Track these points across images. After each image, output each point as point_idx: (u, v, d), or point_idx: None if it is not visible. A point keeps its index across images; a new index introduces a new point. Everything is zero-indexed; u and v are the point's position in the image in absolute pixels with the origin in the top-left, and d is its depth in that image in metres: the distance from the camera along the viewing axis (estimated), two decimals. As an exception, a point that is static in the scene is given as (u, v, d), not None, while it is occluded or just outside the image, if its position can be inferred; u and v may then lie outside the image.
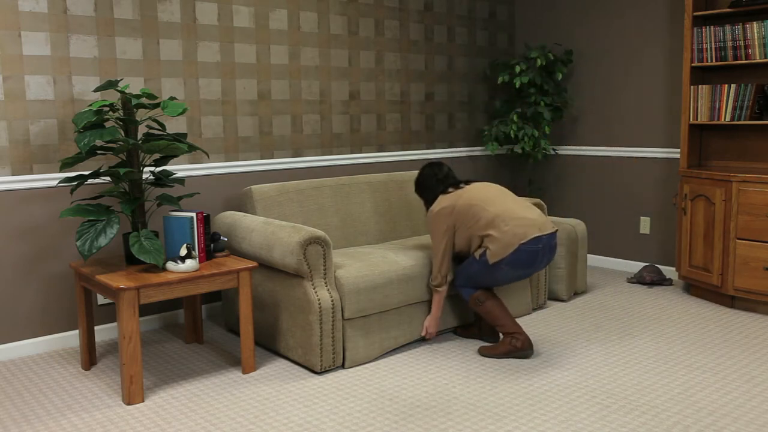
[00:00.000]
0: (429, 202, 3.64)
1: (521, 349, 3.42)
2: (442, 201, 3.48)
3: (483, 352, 3.48)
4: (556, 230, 3.48)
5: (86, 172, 3.67)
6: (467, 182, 3.58)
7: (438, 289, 3.53)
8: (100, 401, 3.02)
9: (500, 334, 3.66)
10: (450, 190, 3.53)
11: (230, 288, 3.47)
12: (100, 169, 3.30)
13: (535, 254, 3.35)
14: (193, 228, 3.26)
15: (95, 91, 3.31)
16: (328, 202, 4.07)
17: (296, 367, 3.38)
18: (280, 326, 3.44)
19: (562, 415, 2.81)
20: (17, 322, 3.57)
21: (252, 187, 3.88)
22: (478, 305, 3.49)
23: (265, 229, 3.44)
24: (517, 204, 3.45)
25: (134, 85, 3.81)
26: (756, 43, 4.15)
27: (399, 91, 5.02)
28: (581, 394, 3.01)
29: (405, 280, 3.52)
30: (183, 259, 3.09)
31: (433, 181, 3.62)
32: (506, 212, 3.37)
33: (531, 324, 3.98)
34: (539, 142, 5.26)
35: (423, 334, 3.62)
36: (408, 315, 3.59)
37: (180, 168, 4.00)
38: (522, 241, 3.30)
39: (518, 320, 4.05)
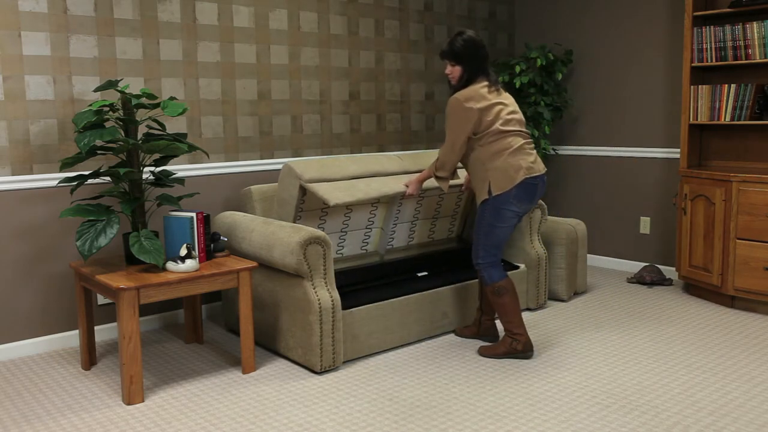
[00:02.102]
0: (465, 76, 3.33)
1: (521, 351, 3.40)
2: (473, 94, 3.26)
3: (482, 352, 3.46)
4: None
5: (86, 172, 3.67)
6: (501, 86, 3.36)
7: (441, 180, 3.41)
8: (100, 401, 3.02)
9: (499, 335, 3.63)
10: (487, 82, 3.31)
11: (230, 288, 3.47)
12: (100, 169, 3.30)
13: (534, 188, 3.31)
14: (193, 228, 3.26)
15: (95, 91, 3.31)
16: (328, 202, 4.07)
17: (296, 367, 3.38)
18: (280, 326, 3.44)
19: (562, 415, 2.81)
20: (17, 322, 3.57)
21: (252, 187, 3.88)
22: (497, 294, 3.39)
23: (265, 229, 3.44)
24: (523, 137, 3.35)
25: (134, 85, 3.81)
26: (756, 43, 4.15)
27: (399, 91, 5.02)
28: (581, 394, 3.01)
29: (358, 158, 3.80)
30: (183, 259, 3.09)
31: (485, 55, 3.34)
32: (514, 144, 3.27)
33: (531, 324, 3.98)
34: (539, 142, 5.26)
35: (403, 184, 3.66)
36: (378, 180, 3.68)
37: (180, 168, 4.00)
38: (527, 177, 3.26)
39: (518, 320, 4.05)
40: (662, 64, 4.90)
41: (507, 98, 3.37)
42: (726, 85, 4.32)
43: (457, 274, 3.93)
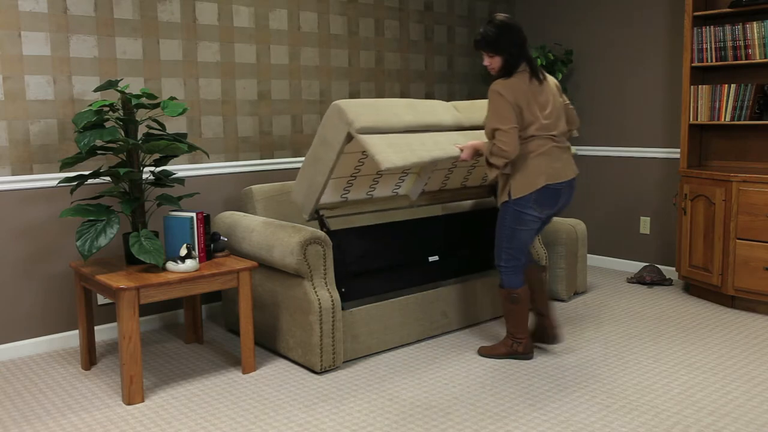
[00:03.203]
0: (508, 63, 3.11)
1: (522, 353, 3.39)
2: (517, 87, 3.07)
3: (482, 352, 3.46)
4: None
5: (86, 172, 3.67)
6: (542, 75, 3.16)
7: (493, 166, 3.14)
8: (100, 401, 3.02)
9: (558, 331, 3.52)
10: (529, 70, 3.11)
11: (230, 288, 3.47)
12: (100, 169, 3.30)
13: (558, 193, 3.17)
14: (193, 228, 3.26)
15: (95, 91, 3.31)
16: (328, 202, 4.06)
17: (296, 367, 3.38)
18: (280, 326, 3.44)
19: (562, 415, 2.81)
20: (17, 322, 3.57)
21: (252, 187, 3.88)
22: (511, 301, 3.32)
23: (265, 229, 3.44)
24: (555, 139, 3.18)
25: (134, 85, 3.81)
26: (756, 43, 4.15)
27: (399, 91, 5.02)
28: (581, 394, 3.01)
29: (415, 106, 3.37)
30: (183, 259, 3.09)
31: (520, 40, 3.11)
32: (543, 145, 3.13)
33: (531, 324, 3.98)
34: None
35: (457, 146, 3.31)
36: (431, 137, 3.32)
37: (180, 168, 4.00)
38: (549, 182, 3.12)
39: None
40: (662, 64, 4.90)
41: (549, 89, 3.18)
42: (726, 85, 4.32)
43: (468, 259, 3.88)
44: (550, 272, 4.42)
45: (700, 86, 4.43)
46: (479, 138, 3.52)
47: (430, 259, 3.81)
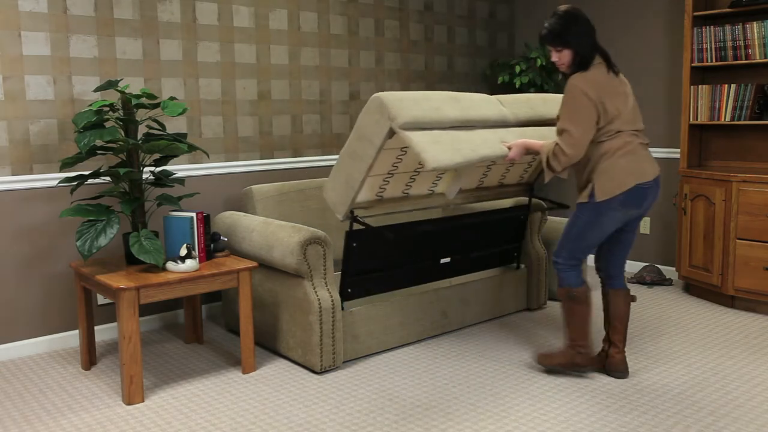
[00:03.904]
0: (579, 56, 2.90)
1: (582, 365, 3.13)
2: (597, 83, 2.85)
3: (541, 360, 3.19)
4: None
5: (86, 172, 3.67)
6: (615, 69, 2.95)
7: (551, 169, 2.95)
8: (100, 401, 3.02)
9: (629, 370, 3.26)
10: (605, 63, 2.91)
11: (230, 288, 3.47)
12: (100, 169, 3.30)
13: (645, 192, 2.93)
14: (193, 228, 3.26)
15: (95, 91, 3.31)
16: (328, 202, 4.06)
17: (296, 367, 3.38)
18: (280, 326, 3.45)
19: (562, 415, 2.81)
20: (17, 322, 3.57)
21: (252, 187, 3.88)
22: (571, 299, 3.09)
23: (265, 229, 3.44)
24: (638, 136, 2.97)
25: (134, 85, 3.81)
26: (756, 43, 4.15)
27: (399, 90, 5.02)
28: (581, 394, 3.01)
29: (458, 98, 3.14)
30: (183, 259, 3.09)
31: (589, 30, 2.90)
32: (628, 143, 2.91)
33: (531, 324, 3.98)
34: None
35: (504, 145, 3.09)
36: (480, 134, 3.11)
37: (180, 168, 4.00)
38: (639, 182, 2.89)
39: (513, 316, 4.05)
40: (662, 64, 4.90)
41: (625, 83, 2.99)
42: (726, 85, 4.32)
43: (480, 260, 3.83)
44: (550, 272, 4.42)
45: (700, 86, 4.43)
46: (527, 136, 3.31)
47: (442, 261, 3.77)
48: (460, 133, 3.04)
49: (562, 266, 3.10)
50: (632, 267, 5.21)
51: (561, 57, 2.94)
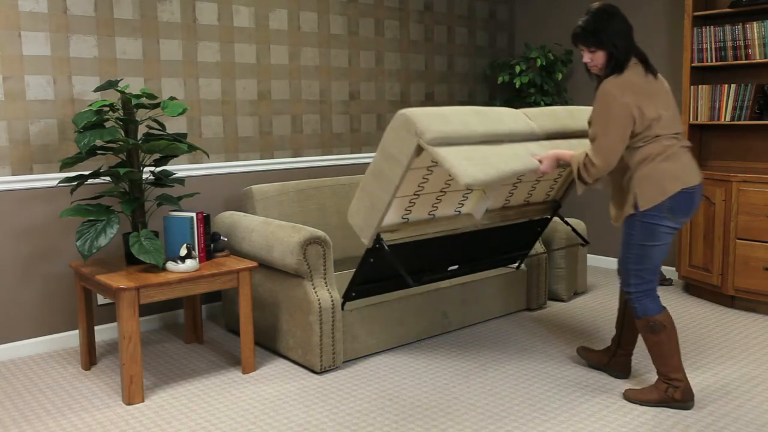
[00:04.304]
0: (614, 56, 2.70)
1: (679, 401, 2.83)
2: (632, 86, 2.66)
3: (631, 397, 2.92)
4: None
5: (86, 172, 3.67)
6: (653, 70, 2.76)
7: (582, 182, 2.78)
8: (100, 401, 3.02)
9: (631, 371, 3.15)
10: (641, 64, 2.72)
11: (230, 288, 3.47)
12: (100, 169, 3.30)
13: (692, 197, 2.74)
14: (193, 228, 3.26)
15: (95, 91, 3.31)
16: (328, 202, 4.07)
17: (296, 367, 3.38)
18: (280, 326, 3.45)
19: (562, 415, 2.81)
20: (17, 322, 3.57)
21: (252, 187, 3.88)
22: (652, 331, 2.81)
23: (265, 229, 3.44)
24: (678, 140, 2.78)
25: (134, 85, 3.81)
26: (756, 43, 4.15)
27: (399, 91, 5.02)
28: (581, 394, 3.01)
29: (485, 112, 2.96)
30: (183, 259, 3.09)
31: (626, 28, 2.70)
32: (669, 147, 2.72)
33: (531, 324, 3.98)
34: (539, 142, 5.25)
35: (536, 158, 2.91)
36: (509, 148, 2.94)
37: (180, 168, 4.00)
38: (684, 186, 2.71)
39: (513, 317, 4.05)
40: (662, 64, 4.90)
41: (664, 84, 2.80)
42: (726, 85, 4.32)
43: (486, 264, 3.81)
44: (550, 272, 4.42)
45: (700, 86, 4.43)
46: (556, 148, 3.10)
47: (450, 268, 3.72)
48: (489, 148, 2.89)
49: (635, 295, 2.83)
50: (632, 267, 5.21)
51: (594, 58, 2.75)
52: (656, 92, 2.72)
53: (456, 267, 3.71)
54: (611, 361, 3.18)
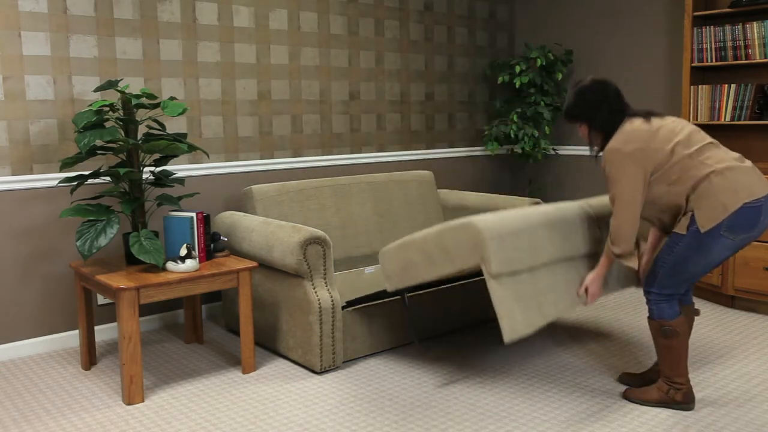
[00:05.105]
0: (600, 129, 2.75)
1: (680, 402, 2.82)
2: (634, 136, 2.63)
3: (630, 396, 2.92)
4: None
5: (86, 172, 3.67)
6: (650, 113, 2.72)
7: (624, 262, 2.72)
8: (100, 401, 3.02)
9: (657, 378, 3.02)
10: (634, 118, 2.69)
11: (230, 288, 3.47)
12: (100, 169, 3.30)
13: (757, 211, 2.58)
14: (193, 228, 3.26)
15: (95, 91, 3.31)
16: (328, 202, 4.07)
17: (296, 367, 3.38)
18: (280, 326, 3.45)
19: (562, 415, 2.81)
20: (17, 322, 3.57)
21: (252, 187, 3.88)
22: (665, 335, 2.75)
23: (265, 229, 3.44)
24: (726, 153, 2.67)
25: (134, 85, 3.81)
26: (756, 43, 4.15)
27: (399, 91, 5.02)
28: (581, 394, 3.01)
29: (556, 228, 2.82)
30: (183, 259, 3.09)
31: (608, 97, 2.72)
32: (720, 162, 2.61)
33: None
34: (539, 142, 5.26)
35: (580, 293, 2.84)
36: (562, 275, 2.81)
37: (180, 168, 4.00)
38: (745, 201, 2.56)
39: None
40: (662, 64, 4.90)
41: (670, 118, 2.75)
42: (726, 85, 4.32)
43: None
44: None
45: (700, 86, 4.43)
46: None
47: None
48: (545, 279, 2.76)
49: (655, 297, 2.76)
50: (632, 267, 5.21)
51: (582, 131, 2.83)
52: (660, 126, 2.68)
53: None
54: (643, 381, 3.08)
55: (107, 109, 3.42)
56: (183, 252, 3.10)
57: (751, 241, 2.77)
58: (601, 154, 2.68)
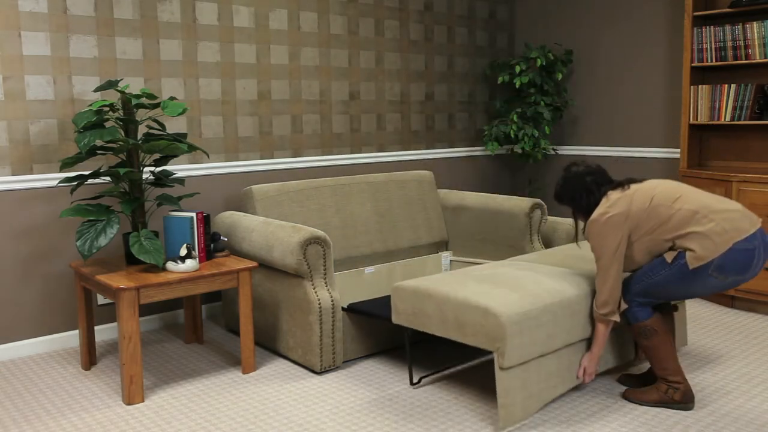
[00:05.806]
0: (583, 209, 2.89)
1: (680, 402, 2.83)
2: (612, 206, 2.74)
3: (629, 397, 2.93)
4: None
5: (86, 172, 3.67)
6: (630, 181, 2.85)
7: (609, 318, 2.78)
8: (100, 401, 3.02)
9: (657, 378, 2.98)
10: (612, 191, 2.80)
11: (230, 288, 3.47)
12: (100, 169, 3.30)
13: (750, 254, 2.61)
14: (193, 228, 3.26)
15: (95, 91, 3.31)
16: (328, 202, 4.07)
17: (296, 367, 3.38)
18: (280, 326, 3.45)
19: (562, 415, 2.81)
20: (17, 322, 3.57)
21: (252, 187, 3.88)
22: (644, 336, 2.82)
23: (265, 229, 3.44)
24: (711, 198, 2.72)
25: (134, 85, 3.81)
26: (756, 43, 4.15)
27: (399, 91, 5.02)
28: (581, 394, 3.01)
29: (570, 314, 2.81)
30: (183, 259, 3.09)
31: (585, 182, 2.85)
32: (705, 207, 2.66)
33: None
34: (539, 142, 5.26)
35: (579, 375, 2.89)
36: (566, 357, 2.87)
37: (180, 168, 4.00)
38: (736, 240, 2.59)
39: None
40: (662, 64, 4.90)
41: (651, 181, 2.85)
42: (726, 85, 4.32)
43: None
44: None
45: (700, 86, 4.44)
46: None
47: None
48: (552, 364, 2.80)
49: (632, 301, 2.84)
50: (632, 267, 5.21)
51: (572, 207, 2.97)
52: (637, 189, 2.78)
53: None
54: (637, 380, 3.10)
55: (107, 109, 3.42)
56: (183, 252, 3.10)
57: (741, 284, 2.81)
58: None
